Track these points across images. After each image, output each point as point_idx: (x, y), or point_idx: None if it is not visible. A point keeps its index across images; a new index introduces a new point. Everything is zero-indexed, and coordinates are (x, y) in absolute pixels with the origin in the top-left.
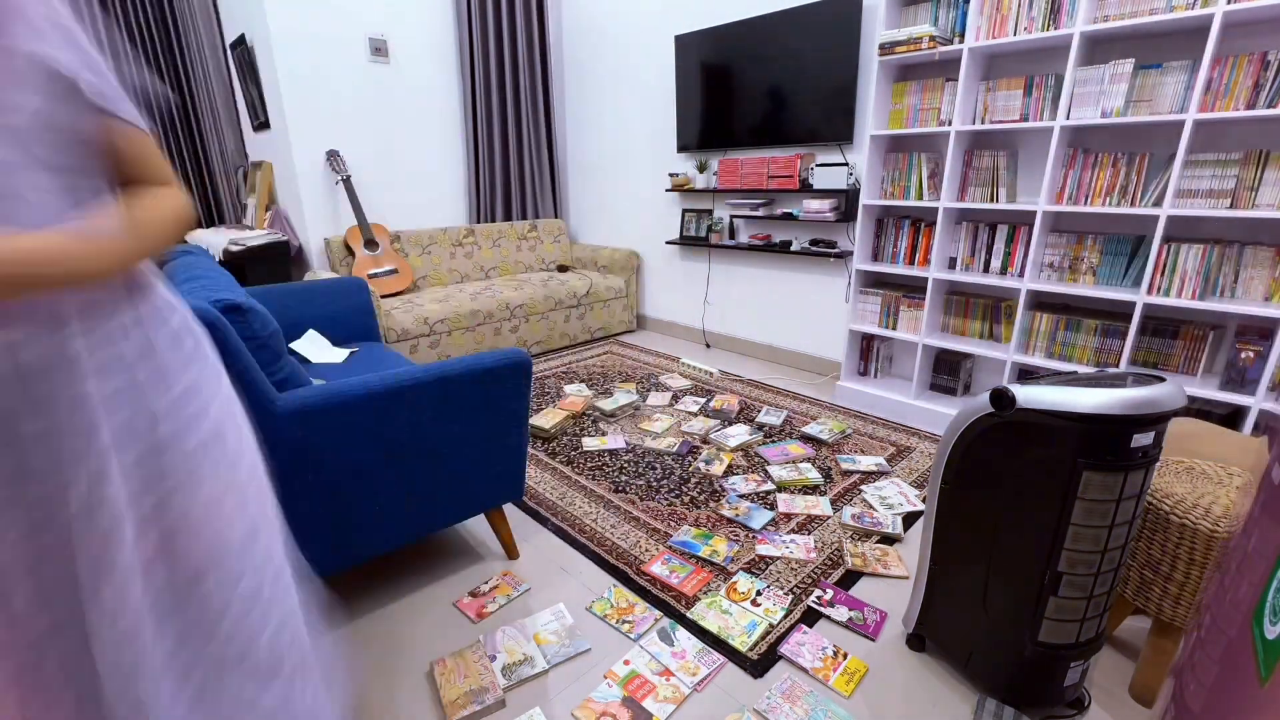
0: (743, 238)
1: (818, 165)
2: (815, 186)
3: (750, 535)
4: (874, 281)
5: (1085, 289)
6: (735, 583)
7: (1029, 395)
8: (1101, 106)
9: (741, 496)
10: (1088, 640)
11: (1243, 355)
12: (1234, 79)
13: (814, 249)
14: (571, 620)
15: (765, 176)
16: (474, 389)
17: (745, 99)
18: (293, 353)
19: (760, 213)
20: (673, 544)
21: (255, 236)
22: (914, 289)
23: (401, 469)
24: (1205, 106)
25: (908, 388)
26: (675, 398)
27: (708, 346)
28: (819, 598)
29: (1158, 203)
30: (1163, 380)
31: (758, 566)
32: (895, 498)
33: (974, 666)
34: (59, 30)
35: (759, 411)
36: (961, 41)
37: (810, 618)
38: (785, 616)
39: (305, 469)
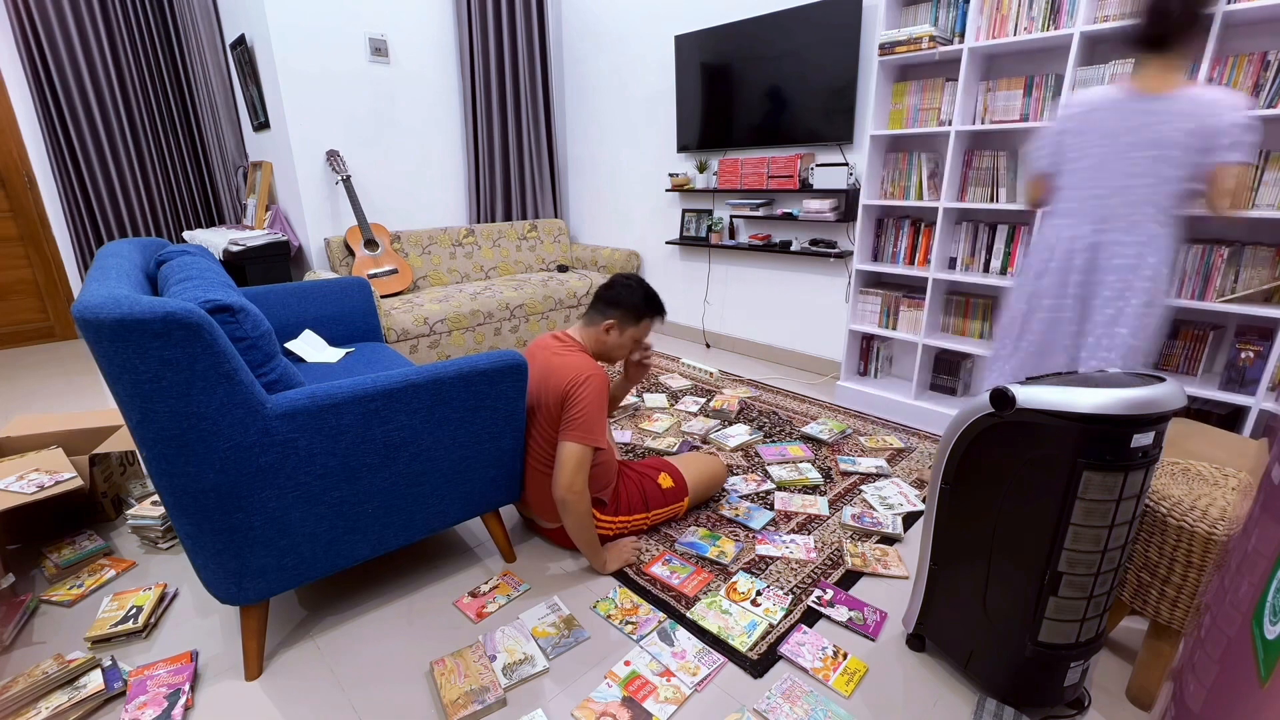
0: (743, 238)
1: (818, 165)
2: (815, 186)
3: (750, 535)
4: (874, 281)
5: None
6: (735, 583)
7: (1029, 395)
8: None
9: (743, 498)
10: (1088, 640)
11: (1243, 355)
12: (1234, 79)
13: (814, 249)
14: (568, 611)
15: (765, 176)
16: (468, 391)
17: (745, 99)
18: (288, 353)
19: (760, 213)
20: (679, 545)
21: (255, 236)
22: (914, 289)
23: (395, 471)
24: None
25: (908, 388)
26: (675, 398)
27: (708, 346)
28: (819, 598)
29: None
30: (1163, 380)
31: (758, 566)
32: (895, 498)
33: (974, 666)
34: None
35: (759, 412)
36: (961, 41)
37: (810, 618)
38: (785, 616)
39: (297, 470)
